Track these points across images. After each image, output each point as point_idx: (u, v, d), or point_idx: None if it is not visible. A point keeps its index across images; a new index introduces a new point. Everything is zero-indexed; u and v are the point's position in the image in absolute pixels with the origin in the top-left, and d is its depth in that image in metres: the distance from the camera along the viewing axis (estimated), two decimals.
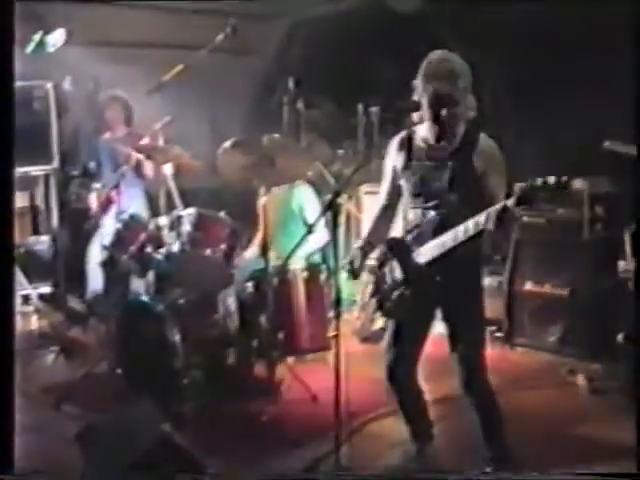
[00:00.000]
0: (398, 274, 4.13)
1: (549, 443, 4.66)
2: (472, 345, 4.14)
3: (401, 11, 7.89)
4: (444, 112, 3.93)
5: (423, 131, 4.13)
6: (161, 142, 5.87)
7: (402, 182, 4.20)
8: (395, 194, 4.28)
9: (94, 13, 7.60)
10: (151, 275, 5.64)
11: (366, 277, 7.00)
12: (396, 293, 4.13)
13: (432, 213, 4.05)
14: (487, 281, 5.81)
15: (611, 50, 6.18)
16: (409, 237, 4.14)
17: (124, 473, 3.84)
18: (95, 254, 6.59)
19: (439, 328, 4.29)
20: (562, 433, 4.85)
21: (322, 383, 5.14)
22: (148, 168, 6.67)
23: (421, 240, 4.06)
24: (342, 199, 5.64)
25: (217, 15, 6.27)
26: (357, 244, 4.39)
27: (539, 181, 3.55)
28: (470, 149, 4.00)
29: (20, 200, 7.96)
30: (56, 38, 7.14)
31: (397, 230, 4.29)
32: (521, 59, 6.91)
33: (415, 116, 4.06)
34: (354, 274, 4.33)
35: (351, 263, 4.31)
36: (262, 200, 5.38)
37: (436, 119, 3.97)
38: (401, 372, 4.33)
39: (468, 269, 4.08)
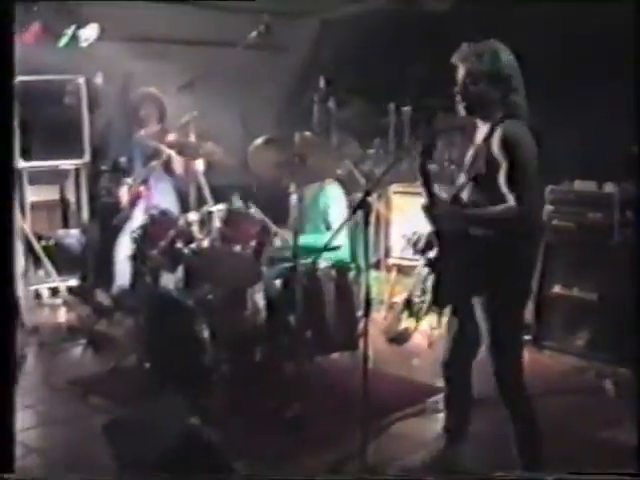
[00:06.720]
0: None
1: (575, 447, 4.63)
2: (509, 348, 4.04)
3: (432, 10, 7.89)
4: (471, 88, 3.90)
5: None
6: (193, 138, 5.89)
7: None
8: None
9: (126, 9, 7.64)
10: (180, 270, 5.67)
11: (394, 276, 6.97)
12: (450, 282, 3.96)
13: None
14: None
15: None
16: None
17: (151, 466, 3.86)
18: (124, 248, 6.62)
19: None
20: (589, 437, 4.82)
21: (349, 382, 5.16)
22: (179, 164, 6.69)
23: None
24: (372, 198, 5.63)
25: (250, 12, 6.27)
26: None
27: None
28: (489, 137, 3.89)
29: (51, 193, 8.06)
30: (89, 33, 7.21)
31: None
32: (552, 59, 6.85)
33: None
34: None
35: None
36: (293, 197, 5.38)
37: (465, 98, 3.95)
38: (455, 365, 4.27)
39: (518, 268, 3.95)
